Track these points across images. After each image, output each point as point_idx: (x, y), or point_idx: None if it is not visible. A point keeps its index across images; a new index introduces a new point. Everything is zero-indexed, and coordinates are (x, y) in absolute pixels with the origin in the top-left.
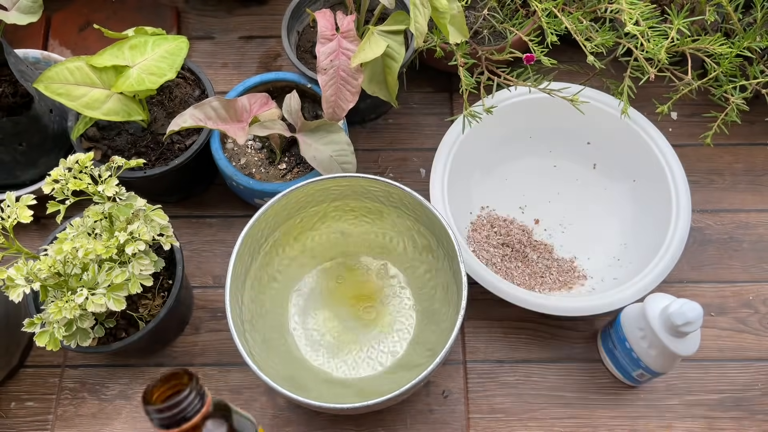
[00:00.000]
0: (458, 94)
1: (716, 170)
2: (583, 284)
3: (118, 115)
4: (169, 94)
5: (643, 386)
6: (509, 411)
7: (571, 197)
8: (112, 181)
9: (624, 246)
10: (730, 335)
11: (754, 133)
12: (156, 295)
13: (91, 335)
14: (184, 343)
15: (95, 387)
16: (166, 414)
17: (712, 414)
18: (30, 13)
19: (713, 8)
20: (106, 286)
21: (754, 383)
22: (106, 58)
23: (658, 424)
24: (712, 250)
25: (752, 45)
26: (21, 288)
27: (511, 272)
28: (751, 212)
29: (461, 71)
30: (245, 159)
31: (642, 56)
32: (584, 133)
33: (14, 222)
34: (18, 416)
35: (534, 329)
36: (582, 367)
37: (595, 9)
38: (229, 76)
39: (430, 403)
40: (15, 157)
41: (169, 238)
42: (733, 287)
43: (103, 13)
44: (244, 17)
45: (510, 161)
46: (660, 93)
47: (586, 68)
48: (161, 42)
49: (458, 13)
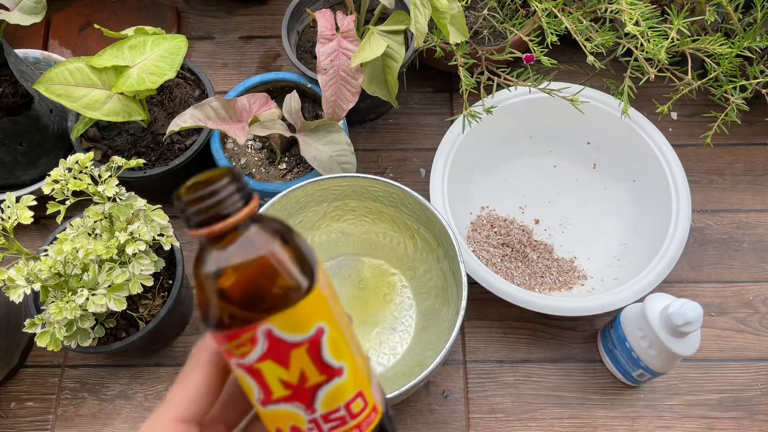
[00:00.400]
0: (458, 94)
1: (716, 170)
2: (583, 284)
3: (118, 115)
4: (169, 94)
5: (643, 386)
6: (509, 411)
7: (571, 197)
8: (112, 181)
9: (624, 246)
10: (730, 335)
11: (754, 133)
12: (156, 295)
13: (92, 335)
14: (185, 343)
15: (95, 387)
16: (197, 206)
17: (712, 414)
18: (32, 14)
19: (713, 8)
20: (106, 286)
21: (753, 383)
22: (106, 58)
23: (658, 425)
24: (712, 250)
25: (752, 45)
26: (21, 288)
27: (511, 272)
28: (751, 212)
29: (461, 71)
30: (245, 159)
31: (642, 56)
32: (584, 133)
33: (15, 223)
34: (18, 416)
35: (534, 329)
36: (582, 367)
37: (595, 9)
38: (229, 76)
39: (430, 403)
40: (15, 157)
41: (169, 239)
42: (733, 287)
43: (103, 13)
44: (244, 17)
45: (510, 161)
46: (660, 93)
47: (586, 68)
48: (160, 41)
49: (458, 13)
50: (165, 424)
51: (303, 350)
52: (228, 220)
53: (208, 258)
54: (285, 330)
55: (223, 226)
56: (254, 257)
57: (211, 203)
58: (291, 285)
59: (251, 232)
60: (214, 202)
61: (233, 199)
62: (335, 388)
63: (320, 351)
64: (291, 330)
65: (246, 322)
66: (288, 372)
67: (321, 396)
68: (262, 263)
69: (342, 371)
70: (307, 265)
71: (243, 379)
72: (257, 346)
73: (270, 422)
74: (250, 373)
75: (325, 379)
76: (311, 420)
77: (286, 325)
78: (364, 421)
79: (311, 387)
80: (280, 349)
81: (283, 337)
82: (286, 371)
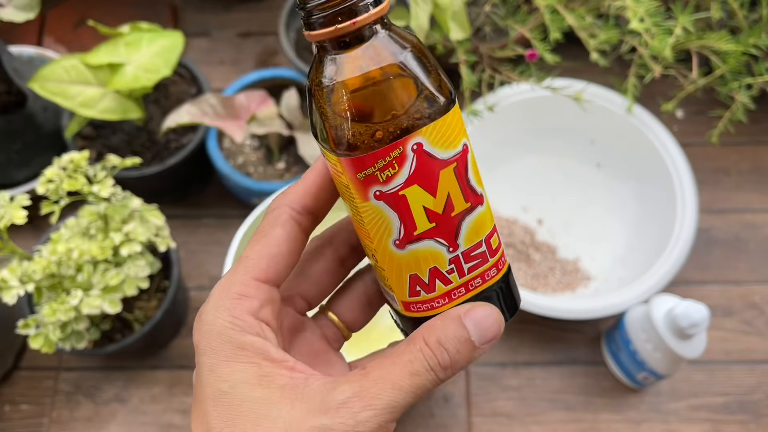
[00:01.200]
0: (460, 92)
1: (722, 169)
2: (587, 285)
3: (114, 113)
4: (165, 92)
5: (647, 389)
6: (511, 414)
7: (574, 197)
8: (107, 180)
9: (629, 246)
10: (736, 337)
11: (760, 131)
12: (151, 297)
13: (86, 338)
14: (181, 345)
15: (90, 390)
16: (325, 1)
17: (718, 417)
18: (27, 10)
19: (718, 5)
20: (101, 287)
21: (760, 386)
22: (101, 55)
23: (663, 428)
24: (718, 251)
25: (758, 42)
26: (15, 290)
27: (513, 273)
28: (758, 212)
29: (463, 68)
30: (242, 158)
31: (646, 54)
32: (588, 132)
33: (8, 223)
34: (12, 419)
35: (537, 331)
36: (585, 370)
37: (599, 6)
38: (226, 73)
39: (431, 407)
40: (9, 156)
41: (165, 239)
42: (739, 288)
43: (99, 9)
44: (242, 13)
45: (512, 160)
46: (665, 91)
47: (590, 66)
48: (156, 38)
49: (460, 9)
50: (245, 282)
51: (451, 170)
52: (359, 17)
53: (343, 65)
54: (435, 144)
55: (352, 25)
56: (402, 58)
57: None
58: (443, 89)
59: (391, 31)
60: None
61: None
62: (478, 217)
63: (467, 172)
64: (441, 144)
65: (395, 135)
66: (435, 200)
67: (464, 228)
68: (412, 64)
69: (482, 198)
70: (444, 73)
71: (379, 216)
72: (405, 166)
73: (405, 268)
74: (394, 202)
75: (470, 207)
76: (452, 259)
77: (437, 138)
78: (499, 260)
79: (456, 217)
80: (428, 169)
81: (434, 153)
82: (433, 198)
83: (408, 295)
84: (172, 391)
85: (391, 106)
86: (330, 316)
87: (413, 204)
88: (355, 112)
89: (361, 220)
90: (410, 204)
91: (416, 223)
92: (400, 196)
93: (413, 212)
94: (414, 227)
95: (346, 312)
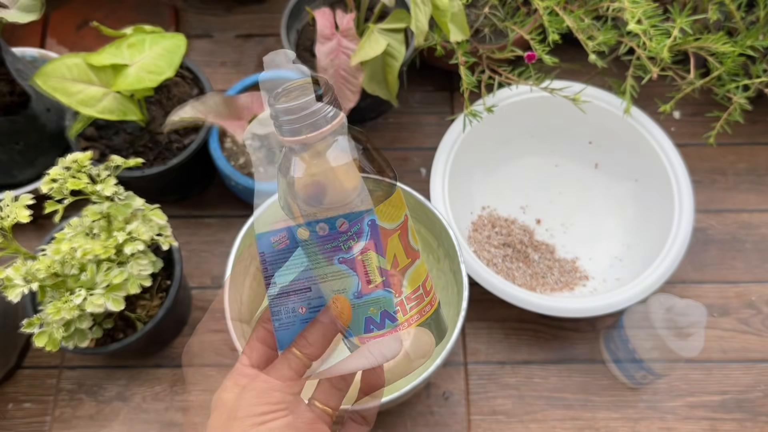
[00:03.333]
0: (459, 93)
1: (719, 170)
2: (585, 285)
3: (113, 113)
4: (167, 93)
5: (645, 388)
6: (510, 412)
7: (572, 197)
8: (110, 180)
9: (626, 246)
10: (732, 336)
11: (757, 132)
12: (154, 296)
13: (89, 336)
14: (183, 344)
15: (93, 388)
16: (294, 116)
17: (715, 416)
18: (30, 12)
19: (716, 6)
20: (104, 286)
21: (756, 385)
22: (105, 56)
23: (661, 426)
24: (714, 251)
25: (755, 44)
26: (20, 288)
27: (512, 273)
28: (754, 212)
29: (462, 70)
30: (244, 158)
31: (644, 55)
32: (586, 133)
33: (13, 222)
34: (15, 418)
35: (535, 330)
36: (584, 369)
37: (597, 7)
38: (228, 74)
39: (431, 405)
40: (12, 157)
41: (167, 239)
42: (736, 288)
43: (102, 11)
44: (243, 15)
45: (511, 161)
46: (662, 92)
47: (588, 67)
48: (159, 40)
49: (459, 11)
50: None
51: (396, 237)
52: (323, 128)
53: (315, 161)
54: (384, 220)
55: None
56: (356, 155)
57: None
58: (391, 177)
59: (348, 134)
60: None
61: (326, 109)
62: (416, 268)
63: (408, 236)
64: (389, 219)
65: (356, 215)
66: (384, 260)
67: (407, 278)
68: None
69: (419, 253)
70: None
71: (341, 275)
72: (362, 238)
73: (361, 313)
74: (354, 265)
75: (410, 261)
76: (398, 302)
77: (385, 215)
78: (432, 297)
79: (401, 270)
80: (380, 238)
81: (384, 226)
82: (384, 259)
83: (363, 332)
84: (174, 390)
85: (349, 194)
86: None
87: (369, 265)
88: (320, 199)
89: (326, 277)
90: (367, 266)
91: (371, 279)
92: (359, 261)
93: (368, 271)
94: (369, 282)
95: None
